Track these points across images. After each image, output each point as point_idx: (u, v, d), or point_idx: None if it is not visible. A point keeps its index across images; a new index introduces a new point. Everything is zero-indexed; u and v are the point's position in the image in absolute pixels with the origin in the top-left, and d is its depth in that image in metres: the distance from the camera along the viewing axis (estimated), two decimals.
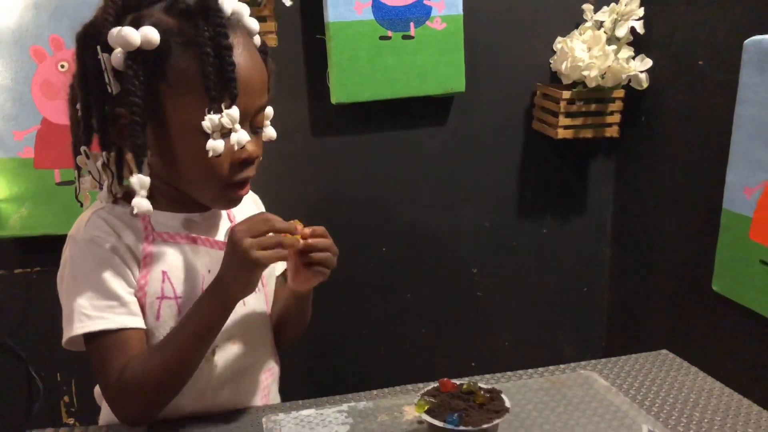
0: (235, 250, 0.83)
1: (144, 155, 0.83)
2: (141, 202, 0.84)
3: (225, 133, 0.82)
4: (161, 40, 0.81)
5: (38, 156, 1.46)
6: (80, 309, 0.87)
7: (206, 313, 0.86)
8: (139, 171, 0.84)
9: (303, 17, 1.56)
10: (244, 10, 0.88)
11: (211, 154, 0.82)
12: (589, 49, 1.58)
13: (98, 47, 0.81)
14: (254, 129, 0.89)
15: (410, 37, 1.56)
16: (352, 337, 1.77)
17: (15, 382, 1.57)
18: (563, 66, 1.59)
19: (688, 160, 1.56)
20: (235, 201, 0.92)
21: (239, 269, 0.84)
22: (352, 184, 1.69)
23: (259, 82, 0.88)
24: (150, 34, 0.80)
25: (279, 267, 1.08)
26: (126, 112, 0.82)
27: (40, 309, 1.56)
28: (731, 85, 1.36)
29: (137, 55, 0.80)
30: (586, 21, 1.63)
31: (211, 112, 0.81)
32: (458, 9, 1.57)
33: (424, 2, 1.55)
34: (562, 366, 1.06)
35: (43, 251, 1.53)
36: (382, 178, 1.70)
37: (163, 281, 0.90)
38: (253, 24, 0.89)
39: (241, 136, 0.83)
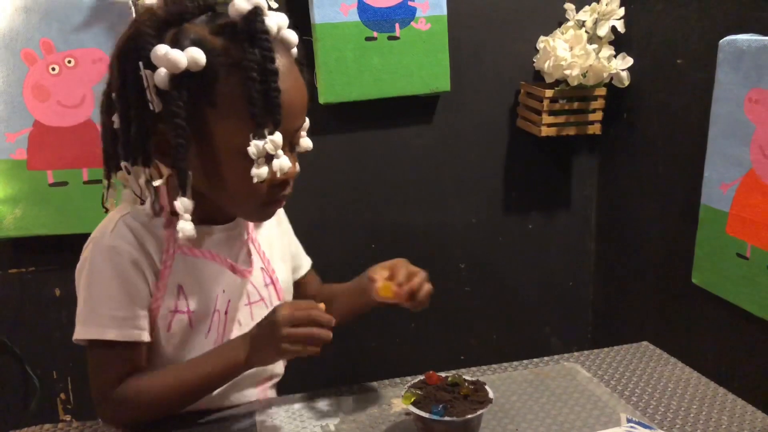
0: (271, 331, 0.85)
1: (187, 177, 0.82)
2: (186, 227, 0.82)
3: (268, 157, 0.81)
4: (206, 61, 0.78)
5: (31, 158, 1.47)
6: (92, 313, 0.88)
7: (221, 364, 0.89)
8: (183, 194, 0.82)
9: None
10: (284, 22, 0.85)
11: (255, 180, 0.81)
12: (571, 48, 1.61)
13: (140, 63, 0.79)
14: (292, 146, 0.88)
15: (396, 38, 1.58)
16: (343, 332, 1.78)
17: (11, 380, 1.59)
18: (546, 65, 1.62)
19: (669, 156, 1.59)
20: (270, 216, 0.93)
21: (266, 349, 0.86)
22: (340, 183, 1.71)
23: (301, 104, 0.86)
24: (196, 56, 0.78)
25: (304, 267, 1.12)
26: (170, 133, 0.81)
27: (35, 308, 1.58)
28: (708, 84, 1.39)
29: (182, 76, 0.78)
30: (568, 20, 1.66)
31: (256, 138, 0.79)
32: (442, 9, 1.60)
33: (409, 3, 1.58)
34: (545, 358, 1.09)
35: (37, 251, 1.54)
36: (370, 177, 1.73)
37: (178, 296, 0.91)
38: (293, 37, 0.86)
39: (283, 163, 0.82)
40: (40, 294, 1.57)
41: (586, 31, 1.62)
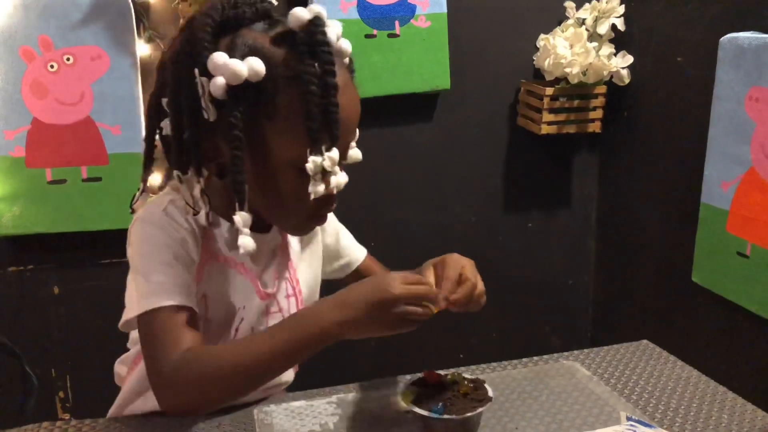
0: (384, 306, 0.78)
1: (245, 191, 0.79)
2: (247, 242, 0.79)
3: (324, 172, 0.79)
4: (266, 72, 0.76)
5: (29, 155, 1.47)
6: (150, 284, 0.82)
7: (302, 331, 0.80)
8: (241, 207, 0.79)
9: None
10: (339, 31, 0.82)
11: (313, 196, 0.79)
12: (571, 46, 1.60)
13: (196, 70, 0.76)
14: (341, 162, 0.85)
15: (395, 36, 1.58)
16: None
17: (10, 379, 1.58)
18: (546, 63, 1.62)
19: (669, 154, 1.59)
20: (311, 229, 0.92)
21: (372, 323, 0.79)
22: None
23: (356, 118, 0.84)
24: (257, 67, 0.75)
25: (357, 259, 1.11)
26: (225, 144, 0.78)
27: (34, 306, 1.58)
28: (708, 82, 1.39)
29: (241, 87, 0.76)
30: (568, 18, 1.66)
31: (313, 153, 0.77)
32: (442, 7, 1.60)
33: (409, 1, 1.57)
34: (545, 356, 1.09)
35: (35, 249, 1.54)
36: (370, 175, 1.72)
37: (200, 302, 0.88)
38: (348, 47, 0.83)
39: (340, 179, 0.81)
40: (39, 292, 1.57)
41: (586, 29, 1.62)
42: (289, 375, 1.04)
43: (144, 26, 1.50)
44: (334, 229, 1.09)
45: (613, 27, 1.63)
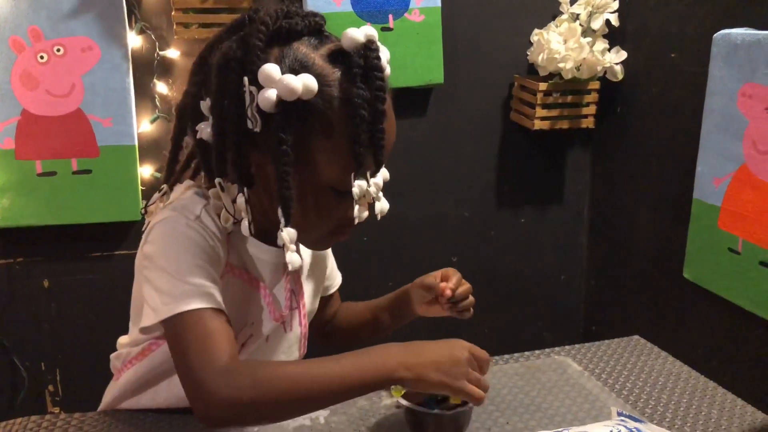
0: (454, 363, 0.78)
1: (291, 207, 0.77)
2: (294, 258, 0.78)
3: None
4: (318, 90, 0.75)
5: (19, 147, 1.46)
6: (181, 285, 0.78)
7: (363, 366, 0.77)
8: (287, 224, 0.77)
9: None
10: (388, 56, 0.80)
11: (357, 221, 0.80)
12: (565, 42, 1.60)
13: (245, 78, 0.74)
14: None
15: (389, 29, 1.57)
16: None
17: None
18: (540, 58, 1.62)
19: (662, 150, 1.60)
20: (330, 245, 0.91)
21: (436, 375, 0.77)
22: None
23: (393, 141, 0.83)
24: (311, 84, 0.74)
25: (336, 283, 1.10)
26: (271, 159, 0.76)
27: (23, 299, 1.57)
28: (702, 78, 1.39)
29: (292, 103, 0.74)
30: (562, 13, 1.66)
31: (357, 178, 0.78)
32: (436, 1, 1.59)
33: None
34: (537, 352, 1.09)
35: (25, 242, 1.53)
36: None
37: None
38: (389, 71, 0.81)
39: (384, 206, 0.81)
40: (28, 285, 1.56)
41: (580, 25, 1.62)
42: None
43: (135, 17, 1.49)
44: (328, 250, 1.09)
45: (607, 22, 1.63)
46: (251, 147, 0.78)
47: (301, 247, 0.93)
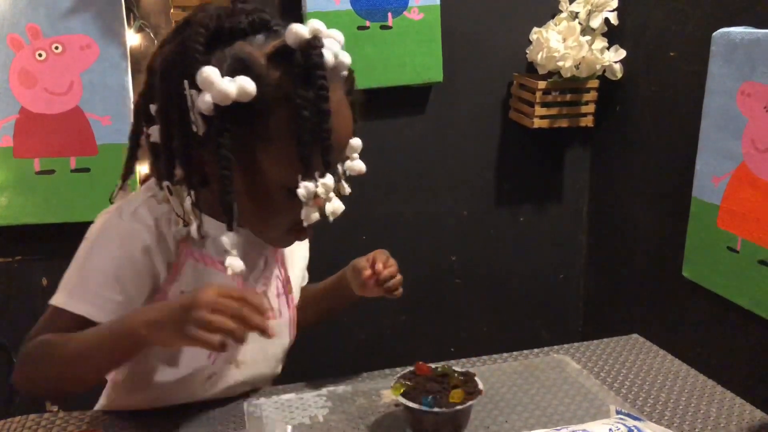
0: (184, 310, 0.72)
1: (233, 211, 0.77)
2: (235, 263, 0.78)
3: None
4: (257, 92, 0.73)
5: (17, 145, 1.45)
6: (81, 286, 0.83)
7: (119, 330, 0.77)
8: (230, 228, 0.78)
9: (281, 7, 1.57)
10: (341, 40, 0.79)
11: (306, 223, 0.78)
12: (564, 40, 1.60)
13: (185, 82, 0.74)
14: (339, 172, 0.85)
15: (388, 27, 1.57)
16: (333, 325, 1.79)
17: None
18: (539, 56, 1.62)
19: (661, 149, 1.59)
20: (291, 243, 0.89)
21: (169, 327, 0.73)
22: None
23: (348, 137, 0.83)
24: (247, 87, 0.72)
25: (305, 280, 1.09)
26: (213, 162, 0.76)
27: (21, 297, 1.56)
28: (701, 76, 1.39)
29: (230, 107, 0.73)
30: (561, 12, 1.65)
31: (306, 179, 0.76)
32: None
33: None
34: (535, 350, 1.09)
35: (23, 240, 1.53)
36: None
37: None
38: (347, 59, 0.80)
39: (336, 207, 0.79)
40: (27, 283, 1.56)
41: (579, 23, 1.62)
42: (276, 370, 1.03)
43: (134, 15, 1.49)
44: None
45: (606, 21, 1.63)
46: (199, 149, 0.77)
47: None
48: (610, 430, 0.72)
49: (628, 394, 0.97)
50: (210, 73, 0.72)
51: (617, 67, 1.64)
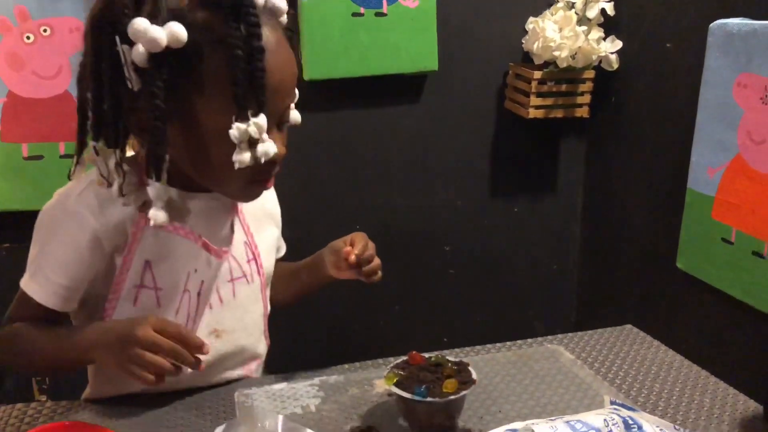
0: (123, 343, 0.79)
1: (163, 162, 0.77)
2: (158, 215, 0.78)
3: (252, 140, 0.76)
4: (188, 37, 0.73)
5: (5, 130, 1.43)
6: (39, 269, 0.88)
7: (72, 344, 0.86)
8: (158, 179, 0.77)
9: None
10: None
11: (237, 166, 0.77)
12: (560, 30, 1.59)
13: (117, 37, 0.73)
14: (281, 124, 0.83)
15: (383, 14, 1.56)
16: (326, 315, 1.78)
17: None
18: (535, 46, 1.61)
19: (656, 140, 1.59)
20: (255, 196, 0.88)
21: (110, 356, 0.82)
22: (324, 162, 1.69)
23: (290, 81, 0.81)
24: (177, 32, 0.72)
25: (281, 250, 1.08)
26: (147, 114, 0.75)
27: (9, 285, 1.53)
28: (697, 68, 1.39)
29: (162, 54, 0.73)
30: (557, 1, 1.64)
31: (238, 120, 0.75)
32: None
33: None
34: (529, 340, 1.09)
35: (11, 227, 1.51)
36: (355, 156, 1.71)
37: (144, 271, 0.87)
38: (282, 4, 0.80)
39: (268, 148, 0.77)
40: (15, 271, 1.52)
41: (575, 13, 1.61)
42: (261, 348, 1.03)
43: None
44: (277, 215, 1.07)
45: (603, 11, 1.62)
46: (132, 104, 0.77)
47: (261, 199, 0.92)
48: (604, 420, 0.71)
49: (622, 384, 0.97)
50: (140, 22, 0.72)
51: (613, 57, 1.63)
